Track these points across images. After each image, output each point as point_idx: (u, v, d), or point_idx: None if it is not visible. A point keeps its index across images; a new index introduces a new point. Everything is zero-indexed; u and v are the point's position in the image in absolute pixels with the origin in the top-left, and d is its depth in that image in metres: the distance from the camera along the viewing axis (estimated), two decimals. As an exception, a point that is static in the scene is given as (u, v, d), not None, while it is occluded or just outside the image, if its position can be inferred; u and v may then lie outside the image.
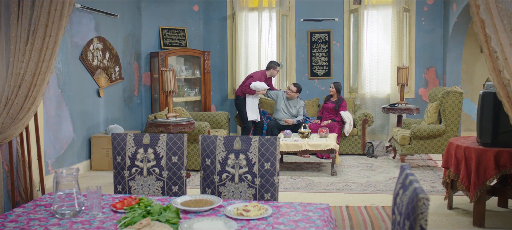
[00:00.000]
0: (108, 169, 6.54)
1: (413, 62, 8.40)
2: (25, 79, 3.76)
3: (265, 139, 2.91)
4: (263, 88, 7.41)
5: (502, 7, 3.37)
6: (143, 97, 8.34)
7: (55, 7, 3.73)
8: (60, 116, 5.96)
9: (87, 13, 6.51)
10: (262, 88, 7.41)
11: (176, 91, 5.98)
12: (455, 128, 6.21)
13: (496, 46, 3.41)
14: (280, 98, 7.50)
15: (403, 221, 1.88)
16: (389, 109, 7.43)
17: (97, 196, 2.37)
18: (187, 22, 8.68)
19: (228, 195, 2.96)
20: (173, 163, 3.04)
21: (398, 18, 8.06)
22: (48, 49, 3.78)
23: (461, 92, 6.12)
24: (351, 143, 7.37)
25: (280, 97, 7.51)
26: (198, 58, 8.36)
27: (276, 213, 2.37)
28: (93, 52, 6.64)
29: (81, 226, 2.22)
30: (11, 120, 3.78)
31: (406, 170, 2.17)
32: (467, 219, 4.36)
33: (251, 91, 7.39)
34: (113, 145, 3.11)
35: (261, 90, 7.42)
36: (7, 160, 4.04)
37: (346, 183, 5.72)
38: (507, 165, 3.99)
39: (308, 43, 8.62)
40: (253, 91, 7.39)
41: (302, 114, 7.40)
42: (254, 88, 7.37)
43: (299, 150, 6.08)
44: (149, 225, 2.06)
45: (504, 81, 3.45)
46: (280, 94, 7.54)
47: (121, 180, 3.11)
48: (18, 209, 2.46)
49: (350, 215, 4.47)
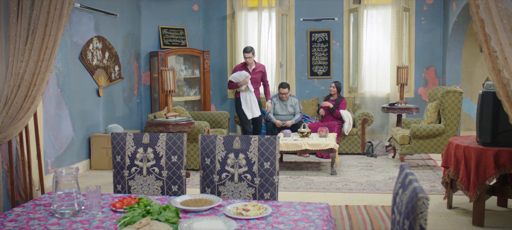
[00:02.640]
0: (107, 168, 6.54)
1: (412, 62, 8.40)
2: (24, 78, 3.76)
3: (265, 138, 2.91)
4: (242, 76, 6.95)
5: (502, 6, 3.37)
6: (143, 96, 8.34)
7: (54, 7, 3.72)
8: (59, 115, 5.96)
9: (87, 12, 6.51)
10: (242, 77, 6.95)
11: (175, 91, 5.97)
12: (454, 127, 6.21)
13: (496, 46, 3.41)
14: (276, 105, 7.42)
15: (403, 220, 1.88)
16: (388, 109, 7.43)
17: (96, 196, 2.37)
18: (186, 21, 8.67)
19: (228, 194, 2.96)
20: (173, 162, 3.04)
21: (398, 18, 8.06)
22: (48, 49, 3.78)
23: (460, 91, 6.12)
24: (350, 142, 7.37)
25: (273, 102, 7.43)
26: (197, 58, 8.36)
27: (275, 213, 2.37)
28: (92, 52, 6.64)
29: (81, 225, 2.21)
30: (11, 119, 3.78)
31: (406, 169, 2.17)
32: (467, 218, 4.36)
33: (232, 84, 7.05)
34: (112, 144, 3.11)
35: (242, 78, 6.95)
36: (6, 160, 4.04)
37: (345, 183, 5.72)
38: (507, 164, 3.99)
39: (307, 42, 8.62)
40: (235, 84, 7.02)
41: (299, 111, 7.38)
42: (233, 79, 6.98)
43: (298, 149, 6.08)
44: (148, 225, 2.06)
45: (504, 80, 3.45)
46: (273, 100, 7.45)
47: (120, 179, 3.11)
48: (17, 209, 2.46)
49: (350, 215, 4.47)
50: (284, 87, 7.28)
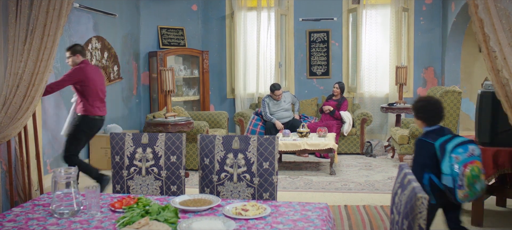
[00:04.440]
0: (106, 168, 6.53)
1: (411, 62, 8.40)
2: (23, 78, 3.75)
3: (264, 138, 2.91)
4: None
5: (501, 6, 3.37)
6: (142, 96, 8.33)
7: (53, 7, 3.72)
8: (58, 116, 5.95)
9: (86, 12, 6.50)
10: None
11: (174, 91, 5.97)
12: (453, 127, 6.21)
13: (495, 46, 3.41)
14: (270, 104, 7.40)
15: (402, 220, 1.88)
16: (387, 109, 7.44)
17: (95, 196, 2.37)
18: (185, 21, 8.67)
19: (227, 194, 2.96)
20: (172, 162, 3.04)
21: (397, 18, 8.07)
22: (47, 49, 3.78)
23: (459, 91, 6.12)
24: (349, 142, 7.37)
25: (266, 102, 7.40)
26: (196, 58, 8.36)
27: (274, 213, 2.37)
28: (91, 52, 6.63)
29: (80, 225, 2.21)
30: (9, 119, 3.78)
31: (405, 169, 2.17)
32: (466, 218, 4.36)
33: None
34: (111, 144, 3.11)
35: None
36: (5, 160, 4.04)
37: (344, 183, 5.73)
38: (506, 164, 4.00)
39: (306, 42, 8.62)
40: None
41: (296, 100, 7.45)
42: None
43: (297, 149, 6.08)
44: (147, 225, 2.06)
45: (503, 80, 3.46)
46: (266, 101, 7.39)
47: (119, 179, 3.11)
48: (16, 209, 2.46)
49: (349, 215, 4.47)
50: (278, 88, 7.26)
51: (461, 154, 2.90)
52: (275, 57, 8.38)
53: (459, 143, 2.93)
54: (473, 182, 2.89)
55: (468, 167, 2.88)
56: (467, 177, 2.87)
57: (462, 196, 2.91)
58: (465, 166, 2.88)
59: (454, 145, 2.92)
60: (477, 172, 2.90)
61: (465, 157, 2.90)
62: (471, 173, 2.87)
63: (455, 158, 2.89)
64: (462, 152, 2.91)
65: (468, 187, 2.89)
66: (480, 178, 2.93)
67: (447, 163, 2.91)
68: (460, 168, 2.87)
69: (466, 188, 2.89)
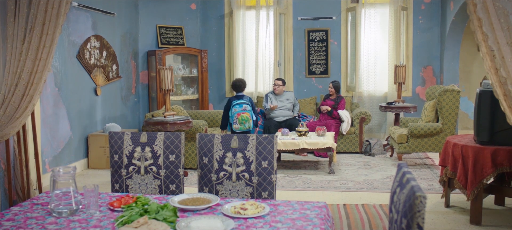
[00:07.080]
0: (105, 167, 6.54)
1: (410, 61, 8.41)
2: (22, 77, 3.75)
3: (263, 137, 2.91)
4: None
5: (499, 5, 3.37)
6: (141, 95, 8.33)
7: (52, 6, 3.72)
8: (57, 115, 5.95)
9: (84, 11, 6.49)
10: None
11: (173, 90, 5.97)
12: (452, 126, 6.22)
13: (493, 45, 3.42)
14: (269, 98, 7.42)
15: (400, 219, 1.88)
16: (386, 108, 7.44)
17: (94, 195, 2.36)
18: (184, 20, 8.66)
19: (226, 193, 2.96)
20: (171, 161, 3.04)
21: (396, 17, 8.07)
22: (45, 48, 3.77)
23: (458, 90, 6.13)
24: (348, 141, 7.38)
25: (269, 97, 7.43)
26: (195, 57, 8.35)
27: (273, 212, 2.37)
28: (90, 51, 6.63)
29: (78, 224, 2.21)
30: (8, 118, 3.77)
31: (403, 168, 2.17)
32: (464, 217, 4.37)
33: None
34: (110, 143, 3.10)
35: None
36: (4, 159, 4.03)
37: (343, 181, 5.73)
38: (504, 163, 4.00)
39: (305, 41, 8.62)
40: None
41: (297, 103, 7.47)
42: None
43: (296, 148, 6.08)
44: (146, 224, 2.06)
45: (501, 79, 3.46)
46: (269, 96, 7.44)
47: (118, 178, 3.11)
48: (15, 208, 2.46)
49: (348, 213, 4.47)
50: (280, 80, 7.35)
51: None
52: (274, 56, 8.38)
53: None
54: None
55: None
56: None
57: None
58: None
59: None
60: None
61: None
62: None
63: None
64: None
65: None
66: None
67: None
68: None
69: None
